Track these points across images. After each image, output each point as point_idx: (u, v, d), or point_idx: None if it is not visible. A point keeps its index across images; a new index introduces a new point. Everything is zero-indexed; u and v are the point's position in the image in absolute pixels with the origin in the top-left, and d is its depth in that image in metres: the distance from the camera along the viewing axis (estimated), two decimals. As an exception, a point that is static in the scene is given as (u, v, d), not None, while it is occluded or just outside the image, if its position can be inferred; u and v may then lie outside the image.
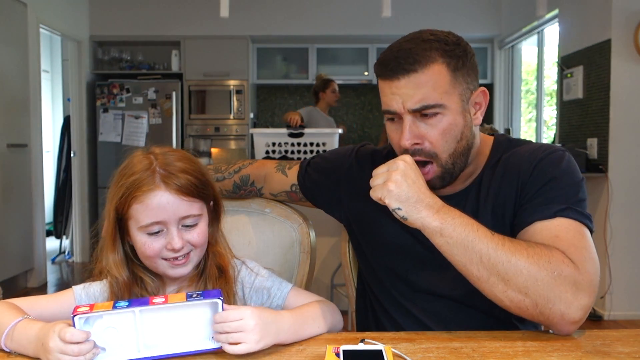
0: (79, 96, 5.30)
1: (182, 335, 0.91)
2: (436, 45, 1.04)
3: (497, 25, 5.52)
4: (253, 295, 1.12)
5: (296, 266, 1.37)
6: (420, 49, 1.03)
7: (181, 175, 1.03)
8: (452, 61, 1.04)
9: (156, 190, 1.01)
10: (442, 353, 0.87)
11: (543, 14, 4.12)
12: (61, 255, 5.35)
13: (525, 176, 1.08)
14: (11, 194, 4.11)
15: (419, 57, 1.02)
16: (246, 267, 1.14)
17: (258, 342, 0.89)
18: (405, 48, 1.04)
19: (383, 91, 1.07)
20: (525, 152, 1.12)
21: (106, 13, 5.49)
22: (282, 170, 1.35)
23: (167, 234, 1.02)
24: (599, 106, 3.65)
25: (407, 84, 1.03)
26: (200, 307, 0.92)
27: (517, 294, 0.94)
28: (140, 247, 1.03)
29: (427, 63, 1.02)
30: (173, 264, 1.04)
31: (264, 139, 3.96)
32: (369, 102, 6.24)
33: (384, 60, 1.06)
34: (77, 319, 0.86)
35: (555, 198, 1.02)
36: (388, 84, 1.05)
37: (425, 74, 1.02)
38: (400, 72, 1.03)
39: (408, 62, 1.02)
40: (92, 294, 1.07)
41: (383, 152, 1.29)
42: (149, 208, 1.00)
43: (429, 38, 1.05)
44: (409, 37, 1.08)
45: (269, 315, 0.93)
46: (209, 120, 5.60)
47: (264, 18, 5.51)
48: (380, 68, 1.07)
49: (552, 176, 1.05)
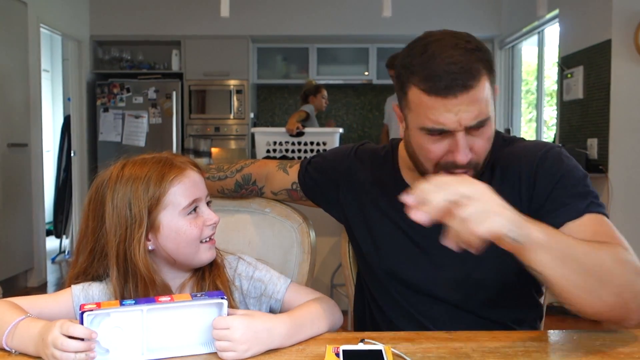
0: (79, 96, 5.30)
1: (186, 338, 0.92)
2: (480, 56, 0.98)
3: (497, 25, 5.52)
4: (252, 289, 1.13)
5: (296, 266, 1.37)
6: (470, 61, 0.96)
7: (183, 156, 1.11)
8: (490, 70, 1.00)
9: (186, 169, 1.06)
10: (442, 353, 0.87)
11: (543, 14, 4.12)
12: (61, 255, 5.35)
13: (530, 180, 1.06)
14: (11, 193, 4.11)
15: (472, 71, 0.96)
16: (243, 261, 1.15)
17: (246, 351, 0.89)
18: (456, 62, 0.95)
19: (432, 107, 0.97)
20: (521, 152, 1.10)
21: (106, 13, 5.49)
22: (284, 168, 1.35)
23: (201, 213, 1.07)
24: (599, 106, 3.65)
25: (463, 101, 0.96)
26: (204, 309, 0.92)
27: (612, 295, 0.89)
28: (185, 231, 1.03)
29: (480, 77, 0.97)
30: (211, 244, 1.08)
31: (265, 138, 3.97)
32: (369, 102, 6.24)
33: (434, 75, 0.96)
34: (86, 315, 0.85)
35: (574, 196, 1.01)
36: (441, 101, 0.96)
37: (479, 89, 0.97)
38: (458, 89, 0.95)
39: (465, 78, 0.95)
40: (90, 295, 1.06)
41: (381, 152, 1.27)
42: (187, 187, 1.04)
43: (470, 48, 0.98)
44: (446, 43, 0.98)
45: (261, 324, 0.92)
46: (209, 120, 5.60)
47: (264, 18, 5.51)
48: (430, 83, 0.96)
49: (561, 174, 1.04)
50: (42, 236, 4.58)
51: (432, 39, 1.00)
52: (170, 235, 1.04)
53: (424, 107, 0.98)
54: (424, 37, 1.03)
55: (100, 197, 1.04)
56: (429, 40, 1.00)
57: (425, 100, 0.98)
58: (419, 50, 1.00)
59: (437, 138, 1.01)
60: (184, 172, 1.05)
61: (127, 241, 1.01)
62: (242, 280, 1.13)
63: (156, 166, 1.04)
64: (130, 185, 1.02)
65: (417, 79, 0.98)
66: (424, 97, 0.98)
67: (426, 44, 1.00)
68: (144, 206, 1.01)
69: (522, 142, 1.15)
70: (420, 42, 1.02)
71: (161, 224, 1.03)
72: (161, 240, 1.04)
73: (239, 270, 1.14)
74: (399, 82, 1.04)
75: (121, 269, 1.02)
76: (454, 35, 1.00)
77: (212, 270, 1.11)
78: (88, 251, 1.06)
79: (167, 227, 1.03)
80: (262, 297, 1.12)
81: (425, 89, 0.97)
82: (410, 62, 1.01)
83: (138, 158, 1.07)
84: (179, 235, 1.04)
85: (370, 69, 5.82)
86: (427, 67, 0.97)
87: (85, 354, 0.84)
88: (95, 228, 1.05)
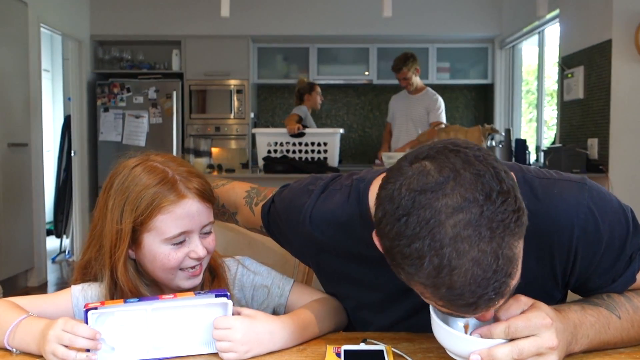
0: (80, 95, 5.30)
1: (190, 337, 0.91)
2: (512, 240, 0.71)
3: (498, 25, 5.51)
4: (254, 294, 1.10)
5: (295, 266, 1.37)
6: (508, 261, 0.70)
7: (196, 180, 1.01)
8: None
9: (185, 199, 0.98)
10: (442, 353, 0.87)
11: (544, 14, 4.12)
12: (61, 255, 5.35)
13: (565, 256, 0.91)
14: (11, 193, 4.11)
15: (509, 273, 0.71)
16: (243, 267, 1.11)
17: (247, 352, 0.89)
18: (483, 293, 0.70)
19: (454, 313, 0.76)
20: (551, 220, 0.88)
21: (107, 12, 5.49)
22: (250, 205, 1.18)
23: (189, 243, 1.00)
24: (599, 106, 3.65)
25: (495, 306, 0.75)
26: (209, 309, 0.91)
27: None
28: (162, 259, 0.98)
29: (517, 265, 0.73)
30: (191, 275, 1.01)
31: (265, 139, 3.97)
32: (369, 102, 6.24)
33: (462, 303, 0.71)
34: (91, 314, 0.85)
35: (622, 261, 0.92)
36: (469, 313, 0.75)
37: (515, 278, 0.74)
38: (491, 305, 0.73)
39: (501, 292, 0.72)
40: (90, 295, 1.05)
41: (343, 217, 0.99)
42: (178, 218, 0.97)
43: (502, 240, 0.69)
44: (466, 254, 0.68)
45: (263, 326, 0.92)
46: (210, 120, 5.60)
47: (265, 18, 5.51)
48: (446, 308, 0.74)
49: (604, 247, 0.89)
50: (42, 236, 4.58)
51: (439, 225, 0.69)
52: (148, 257, 1.00)
53: (437, 305, 0.76)
54: (421, 210, 0.69)
55: (107, 196, 1.02)
56: (436, 231, 0.69)
57: (442, 308, 0.75)
58: (423, 250, 0.69)
59: None
60: (181, 202, 0.98)
61: (116, 252, 0.99)
62: (245, 290, 1.10)
63: (157, 183, 0.98)
64: (127, 195, 0.98)
65: (429, 293, 0.73)
66: (441, 306, 0.75)
67: (435, 241, 0.69)
68: (129, 225, 0.97)
69: (549, 197, 0.89)
70: (419, 227, 0.69)
71: (143, 243, 0.99)
72: (140, 257, 1.02)
73: (239, 277, 1.10)
74: (390, 259, 0.75)
75: (111, 275, 1.01)
76: (467, 207, 0.69)
77: (213, 285, 1.07)
78: (96, 246, 1.05)
79: (147, 249, 0.99)
80: (266, 301, 1.10)
81: (447, 307, 0.74)
82: (413, 265, 0.71)
83: (152, 162, 1.02)
84: (155, 260, 0.99)
85: (371, 69, 5.82)
86: (447, 291, 0.71)
87: (86, 354, 0.84)
88: (101, 217, 1.03)
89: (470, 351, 0.78)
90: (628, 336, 0.92)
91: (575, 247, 0.89)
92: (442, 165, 0.71)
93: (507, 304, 0.82)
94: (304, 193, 1.05)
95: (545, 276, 0.93)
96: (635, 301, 0.93)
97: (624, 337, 0.91)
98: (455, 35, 5.62)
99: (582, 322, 0.87)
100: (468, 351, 0.79)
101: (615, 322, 0.90)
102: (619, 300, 0.92)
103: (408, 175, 0.72)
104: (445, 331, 0.81)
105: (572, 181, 0.91)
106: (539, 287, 0.93)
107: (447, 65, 5.83)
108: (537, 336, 0.78)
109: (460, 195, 0.69)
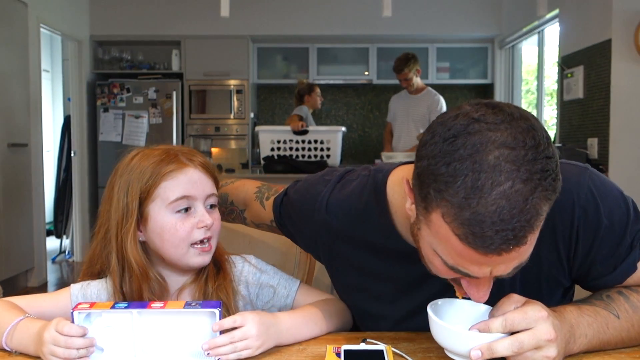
0: (80, 96, 5.30)
1: (179, 345, 0.91)
2: (544, 195, 0.71)
3: (498, 25, 5.52)
4: (259, 293, 1.10)
5: (296, 266, 1.37)
6: (531, 211, 0.70)
7: (198, 154, 1.07)
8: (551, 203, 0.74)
9: (186, 167, 1.02)
10: (442, 353, 0.87)
11: (543, 13, 4.12)
12: (61, 255, 5.35)
13: (568, 237, 0.92)
14: (11, 193, 4.11)
15: (531, 224, 0.71)
16: (249, 264, 1.11)
17: (259, 347, 0.90)
18: (512, 216, 0.69)
19: (462, 255, 0.74)
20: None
21: (107, 13, 5.49)
22: (261, 200, 1.19)
23: (194, 213, 1.02)
24: (599, 106, 3.65)
25: (506, 259, 0.74)
26: (198, 317, 0.90)
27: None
28: (170, 229, 1.00)
29: (539, 224, 0.73)
30: (202, 250, 1.02)
31: (269, 137, 3.97)
32: (369, 102, 6.24)
33: (479, 234, 0.71)
34: (77, 313, 0.87)
35: (623, 247, 0.92)
36: (478, 256, 0.73)
37: (531, 240, 0.74)
38: (505, 249, 0.72)
39: (519, 239, 0.71)
40: (89, 294, 1.06)
41: (360, 205, 1.01)
42: (180, 183, 1.01)
43: (534, 175, 0.70)
44: (502, 169, 0.69)
45: (269, 319, 0.93)
46: (210, 120, 5.60)
47: (264, 18, 5.51)
48: (470, 239, 0.72)
49: (602, 232, 0.90)
50: (42, 236, 4.58)
51: (483, 151, 0.70)
52: (156, 230, 1.01)
53: (450, 246, 0.75)
54: (472, 135, 0.72)
55: (112, 182, 1.05)
56: (479, 156, 0.70)
57: (456, 244, 0.74)
58: (461, 169, 0.70)
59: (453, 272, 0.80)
60: (183, 168, 1.02)
61: (123, 229, 1.01)
62: (250, 287, 1.10)
63: (158, 158, 1.03)
64: (129, 174, 1.02)
65: (451, 216, 0.72)
66: (455, 241, 0.73)
67: (475, 163, 0.70)
68: (136, 196, 1.00)
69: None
70: (464, 149, 0.71)
71: (149, 216, 1.01)
72: (149, 234, 1.03)
73: (244, 274, 1.10)
74: (420, 181, 0.76)
75: (120, 258, 1.02)
76: (514, 146, 0.70)
77: (218, 278, 1.06)
78: (102, 234, 1.06)
79: (154, 220, 1.01)
80: (272, 300, 1.10)
81: (462, 239, 0.72)
82: (445, 182, 0.71)
83: (149, 148, 1.07)
84: (163, 231, 1.00)
85: (371, 69, 5.82)
86: (470, 215, 0.70)
87: (86, 350, 0.86)
88: (107, 211, 1.05)
89: (469, 347, 0.79)
90: (628, 336, 0.92)
91: (577, 228, 0.90)
92: (500, 111, 0.74)
93: (501, 302, 0.83)
94: (319, 182, 1.08)
95: (552, 260, 0.94)
96: (634, 300, 0.92)
97: (624, 337, 0.91)
98: (455, 35, 5.62)
99: (579, 322, 0.87)
100: (468, 347, 0.79)
101: (615, 322, 0.90)
102: (617, 300, 0.92)
103: (466, 109, 0.75)
104: (444, 328, 0.81)
105: (575, 165, 0.93)
106: (547, 272, 0.95)
107: (447, 65, 5.83)
108: (534, 329, 0.79)
109: (511, 135, 0.71)
